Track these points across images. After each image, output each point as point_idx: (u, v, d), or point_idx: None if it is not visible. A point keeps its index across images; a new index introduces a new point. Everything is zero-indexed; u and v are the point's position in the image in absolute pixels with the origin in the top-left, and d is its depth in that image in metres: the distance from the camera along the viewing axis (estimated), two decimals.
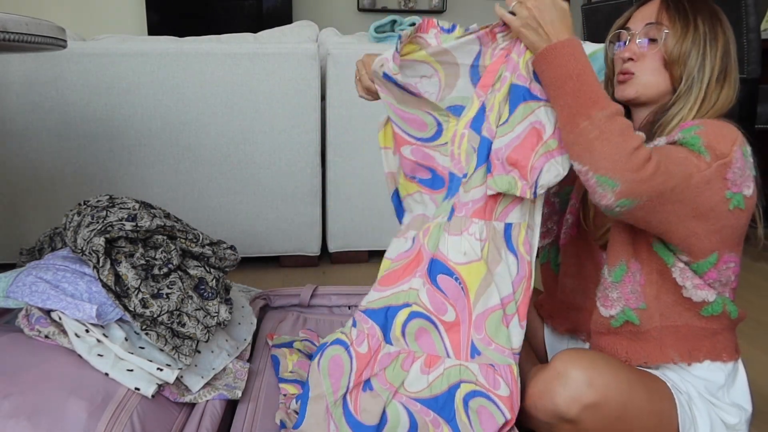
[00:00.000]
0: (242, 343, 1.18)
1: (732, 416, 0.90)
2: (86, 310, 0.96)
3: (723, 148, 0.82)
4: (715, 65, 0.90)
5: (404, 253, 1.01)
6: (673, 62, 0.91)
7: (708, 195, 0.82)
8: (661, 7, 0.94)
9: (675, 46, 0.91)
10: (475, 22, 1.11)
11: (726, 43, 0.91)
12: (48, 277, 1.01)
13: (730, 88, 0.92)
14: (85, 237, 1.01)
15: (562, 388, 0.83)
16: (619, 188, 0.78)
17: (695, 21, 0.91)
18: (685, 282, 0.88)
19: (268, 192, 1.97)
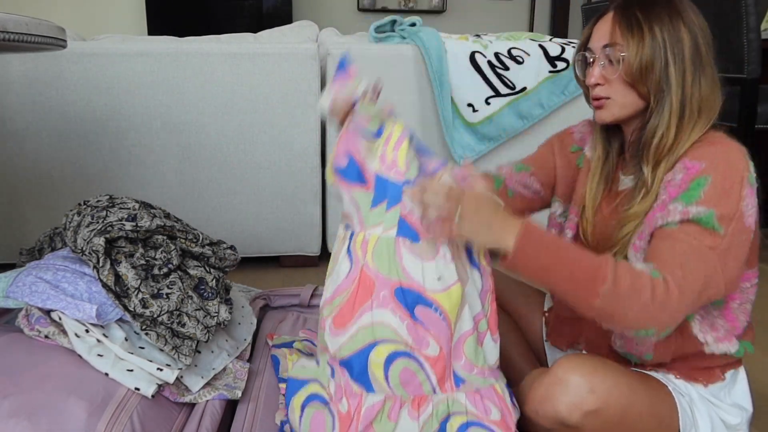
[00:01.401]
0: (242, 343, 1.18)
1: (733, 416, 0.90)
2: (86, 310, 0.96)
3: (731, 208, 0.80)
4: (685, 68, 0.86)
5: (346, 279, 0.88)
6: (636, 81, 0.87)
7: (735, 253, 0.81)
8: (614, 22, 0.89)
9: (633, 65, 0.86)
10: (475, 22, 1.10)
11: (693, 39, 0.86)
12: (48, 277, 1.01)
13: (708, 80, 0.87)
14: (85, 237, 1.01)
15: (564, 395, 0.82)
16: (655, 330, 0.79)
17: (651, 30, 0.86)
18: (707, 336, 0.87)
19: (268, 192, 1.97)
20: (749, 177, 0.82)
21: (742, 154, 0.84)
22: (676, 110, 0.86)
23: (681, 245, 0.81)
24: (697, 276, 0.79)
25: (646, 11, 0.87)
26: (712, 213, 0.80)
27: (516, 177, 1.13)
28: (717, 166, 0.82)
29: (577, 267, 0.81)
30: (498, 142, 2.01)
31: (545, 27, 4.86)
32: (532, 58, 1.96)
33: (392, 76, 1.93)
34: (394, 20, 2.05)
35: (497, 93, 1.95)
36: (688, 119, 0.86)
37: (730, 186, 0.81)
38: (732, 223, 0.80)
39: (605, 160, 1.00)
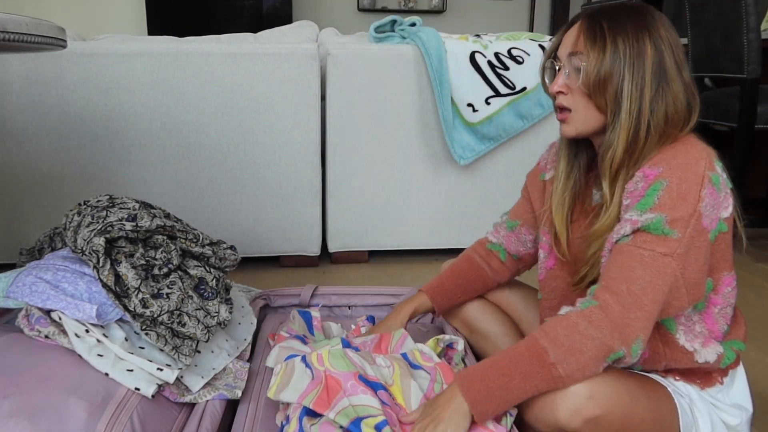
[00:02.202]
0: (242, 343, 1.18)
1: (733, 417, 0.90)
2: (86, 310, 0.96)
3: (686, 209, 0.78)
4: (645, 85, 0.83)
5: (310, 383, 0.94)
6: (594, 93, 0.85)
7: (694, 259, 0.80)
8: (579, 31, 0.88)
9: (592, 74, 0.84)
10: (475, 22, 1.11)
11: (658, 56, 0.84)
12: (48, 277, 1.01)
13: (675, 96, 0.84)
14: (85, 237, 1.01)
15: (563, 401, 0.82)
16: (623, 352, 0.79)
17: (614, 42, 0.84)
18: (694, 344, 0.87)
19: (268, 192, 1.97)
20: (713, 177, 0.80)
21: (705, 155, 0.82)
22: (626, 126, 0.84)
23: (630, 259, 0.80)
24: (645, 287, 0.78)
25: (612, 23, 0.85)
26: (662, 218, 0.79)
27: (511, 239, 1.16)
28: (674, 169, 0.80)
29: (520, 366, 0.81)
30: (498, 142, 2.01)
31: (545, 27, 4.86)
32: (532, 58, 1.96)
33: (392, 76, 1.93)
34: (394, 20, 2.05)
35: (497, 93, 1.95)
36: (643, 135, 0.84)
37: (687, 188, 0.79)
38: (689, 225, 0.78)
39: (569, 176, 0.99)
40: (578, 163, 0.99)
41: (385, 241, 2.09)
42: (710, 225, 0.80)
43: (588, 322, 0.79)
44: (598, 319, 0.79)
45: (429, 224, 2.09)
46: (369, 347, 1.09)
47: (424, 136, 2.00)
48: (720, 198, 0.81)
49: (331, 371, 0.94)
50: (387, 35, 2.02)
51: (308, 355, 0.98)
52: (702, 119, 2.85)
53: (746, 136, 2.29)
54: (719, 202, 0.81)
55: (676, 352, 0.88)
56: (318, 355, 0.98)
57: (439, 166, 2.04)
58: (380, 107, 1.96)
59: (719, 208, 0.81)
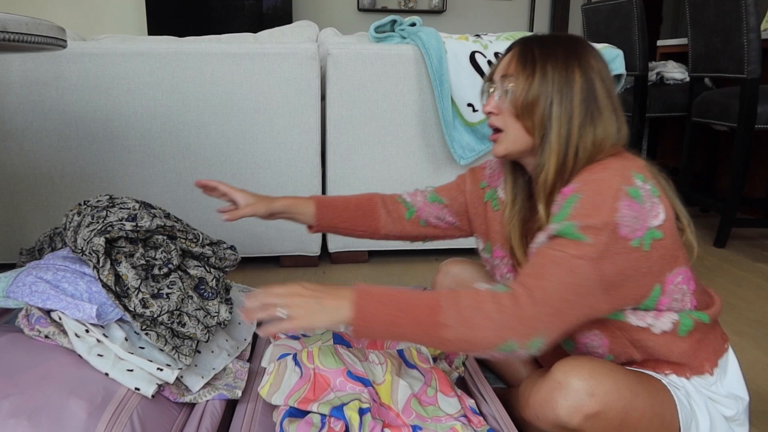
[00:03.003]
0: (242, 343, 1.18)
1: (729, 408, 0.90)
2: (86, 310, 0.96)
3: (601, 219, 0.79)
4: (573, 110, 0.87)
5: (299, 381, 0.95)
6: (521, 114, 0.89)
7: (611, 264, 0.80)
8: (512, 55, 0.92)
9: (520, 97, 0.89)
10: (475, 22, 1.13)
11: (587, 84, 0.87)
12: (48, 277, 1.01)
13: (604, 124, 0.88)
14: (85, 237, 1.01)
15: (563, 399, 0.82)
16: (517, 342, 0.79)
17: (543, 68, 0.88)
18: (647, 320, 0.88)
19: (268, 192, 1.96)
20: (630, 190, 0.81)
21: (621, 170, 0.83)
22: (556, 150, 0.87)
23: (543, 258, 0.82)
24: (555, 284, 0.79)
25: (543, 49, 0.90)
26: (573, 224, 0.80)
27: (429, 208, 1.17)
28: (588, 184, 0.83)
29: (415, 309, 0.82)
30: None
31: (545, 27, 4.86)
32: None
33: (392, 76, 1.94)
34: (394, 20, 2.05)
35: None
36: (572, 157, 0.87)
37: (602, 199, 0.81)
38: (602, 233, 0.79)
39: (513, 201, 1.02)
40: (520, 188, 1.02)
41: (385, 240, 2.09)
42: (633, 234, 0.81)
43: (496, 305, 0.79)
44: (506, 306, 0.79)
45: None
46: (363, 343, 1.09)
47: (424, 136, 2.00)
48: (644, 209, 0.82)
49: (320, 368, 0.95)
50: (387, 35, 2.02)
51: (299, 353, 0.99)
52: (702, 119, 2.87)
53: (746, 136, 2.29)
54: (644, 212, 0.82)
55: (632, 332, 0.89)
56: (309, 352, 0.98)
57: (439, 166, 2.04)
58: (380, 107, 1.96)
59: (645, 218, 0.82)
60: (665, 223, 0.83)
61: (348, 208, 1.17)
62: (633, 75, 2.83)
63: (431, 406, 0.96)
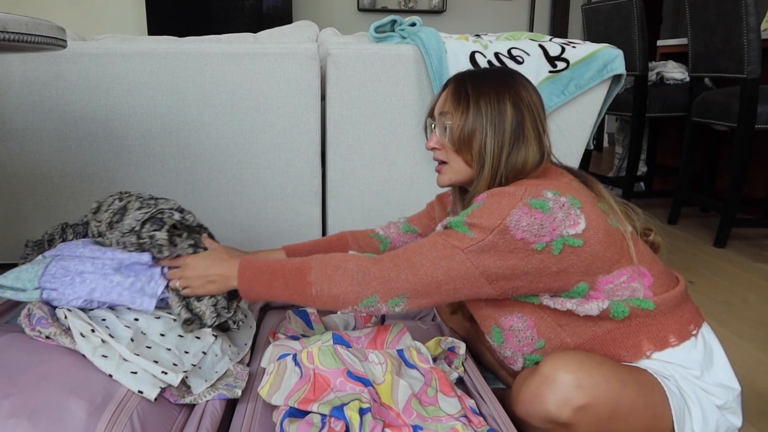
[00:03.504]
0: (243, 348, 1.18)
1: (718, 398, 0.90)
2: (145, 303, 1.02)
3: (489, 222, 0.87)
4: (505, 139, 0.94)
5: (299, 381, 0.96)
6: (460, 149, 0.96)
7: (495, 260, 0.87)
8: (448, 92, 0.99)
9: (456, 132, 0.96)
10: (475, 22, 1.16)
11: (517, 115, 0.94)
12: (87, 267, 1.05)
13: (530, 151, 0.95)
14: (137, 218, 1.06)
15: (552, 393, 0.83)
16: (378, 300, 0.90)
17: (477, 103, 0.94)
18: (566, 304, 0.92)
19: (268, 192, 1.97)
20: (532, 202, 0.88)
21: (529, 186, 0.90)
22: (487, 178, 0.95)
23: (426, 241, 0.92)
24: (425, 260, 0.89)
25: (475, 85, 0.97)
26: (461, 219, 0.89)
27: (402, 238, 1.25)
28: (494, 195, 0.90)
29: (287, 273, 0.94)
30: None
31: (545, 27, 4.86)
32: (532, 58, 1.96)
33: (392, 76, 1.94)
34: (394, 20, 2.05)
35: None
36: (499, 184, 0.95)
37: (498, 206, 0.88)
38: (489, 233, 0.87)
39: None
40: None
41: None
42: (535, 239, 0.87)
43: (356, 264, 0.91)
44: (367, 266, 0.91)
45: None
46: (363, 343, 1.09)
47: (424, 136, 2.00)
48: (551, 218, 0.87)
49: (320, 369, 0.96)
50: (387, 35, 2.02)
51: (299, 353, 0.99)
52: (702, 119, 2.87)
53: (746, 136, 2.29)
54: (551, 221, 0.87)
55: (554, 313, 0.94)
56: (308, 352, 0.99)
57: None
58: (380, 107, 1.96)
59: (554, 226, 0.87)
60: (585, 232, 0.88)
61: (317, 250, 1.23)
62: (633, 75, 2.83)
63: (431, 406, 0.96)
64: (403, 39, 2.00)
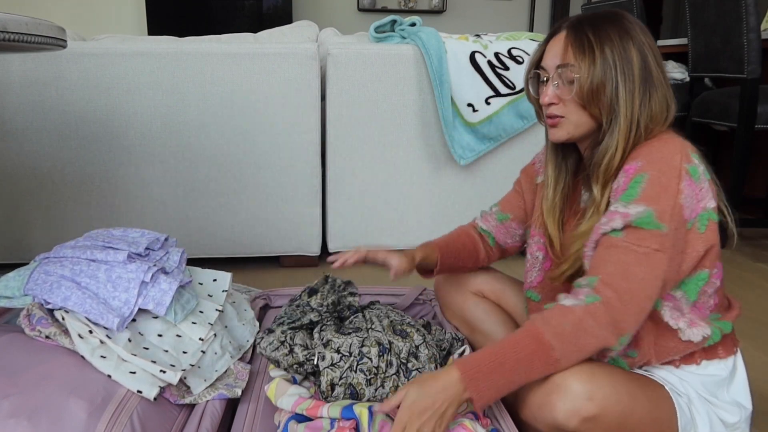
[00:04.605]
0: (245, 345, 1.18)
1: (732, 415, 0.90)
2: (109, 320, 0.98)
3: (668, 202, 0.81)
4: (635, 87, 0.86)
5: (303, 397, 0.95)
6: (588, 103, 0.88)
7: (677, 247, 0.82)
8: (566, 42, 0.89)
9: (584, 86, 0.87)
10: (475, 22, 1.13)
11: (642, 59, 0.87)
12: (66, 273, 1.03)
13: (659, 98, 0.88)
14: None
15: (561, 402, 0.82)
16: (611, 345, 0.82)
17: (602, 52, 0.86)
18: (679, 323, 0.88)
19: (268, 192, 1.97)
20: (690, 169, 0.82)
21: (680, 147, 0.84)
22: (624, 131, 0.87)
23: (626, 255, 0.82)
24: (643, 284, 0.81)
25: (596, 32, 0.88)
26: (651, 212, 0.81)
27: (501, 230, 1.20)
28: (653, 163, 0.83)
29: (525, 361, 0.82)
30: (498, 141, 2.01)
31: (545, 27, 4.86)
32: None
33: (392, 76, 1.94)
34: (394, 20, 2.05)
35: (497, 93, 1.95)
36: (634, 138, 0.87)
37: (668, 181, 0.81)
38: (674, 218, 0.81)
39: (557, 180, 1.01)
40: (566, 167, 1.01)
41: (385, 241, 2.09)
42: (690, 215, 0.82)
43: (594, 319, 0.81)
44: (602, 316, 0.81)
45: (429, 224, 2.09)
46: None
47: (424, 136, 2.00)
48: (701, 189, 0.83)
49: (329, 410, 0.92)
50: (387, 35, 2.02)
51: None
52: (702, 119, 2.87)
53: (746, 136, 2.29)
54: (700, 192, 0.83)
55: (663, 328, 0.89)
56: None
57: (439, 166, 2.04)
58: (380, 107, 1.96)
59: (700, 198, 0.83)
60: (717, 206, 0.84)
61: (459, 249, 1.21)
62: None
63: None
64: (403, 39, 2.00)
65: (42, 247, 1.89)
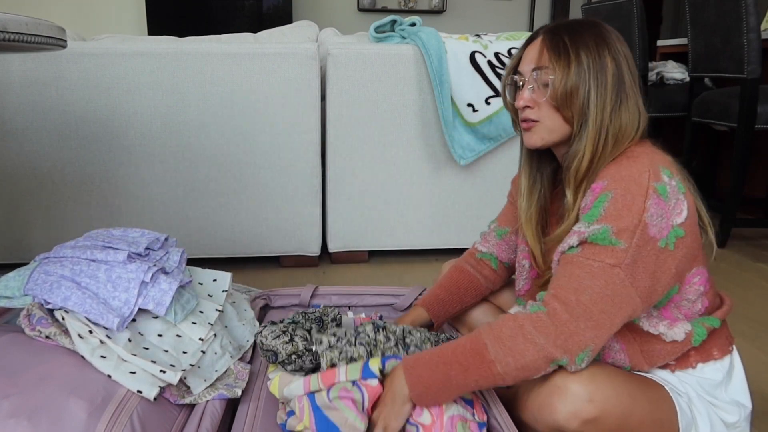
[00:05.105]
0: (245, 345, 1.18)
1: (731, 415, 0.90)
2: (109, 320, 0.97)
3: (631, 220, 0.80)
4: (607, 96, 0.87)
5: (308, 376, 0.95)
6: (561, 105, 0.88)
7: (643, 268, 0.81)
8: (542, 46, 0.91)
9: (558, 88, 0.87)
10: (475, 22, 1.13)
11: (617, 68, 0.88)
12: (66, 273, 1.03)
13: (629, 109, 0.88)
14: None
15: (562, 404, 0.82)
16: (567, 360, 0.81)
17: (578, 56, 0.87)
18: (659, 327, 0.88)
19: (268, 192, 1.97)
20: (659, 188, 0.81)
21: (649, 165, 0.83)
22: (592, 136, 0.87)
23: (579, 269, 0.82)
24: (594, 297, 0.79)
25: (573, 37, 0.88)
26: (607, 229, 0.80)
27: (503, 246, 1.18)
28: (618, 182, 0.82)
29: (462, 357, 0.84)
30: (498, 141, 2.01)
31: None
32: None
33: (392, 76, 1.94)
34: (394, 20, 2.05)
35: (497, 93, 1.95)
36: (602, 146, 0.87)
37: (632, 199, 0.81)
38: (635, 235, 0.80)
39: (531, 190, 1.02)
40: (541, 176, 1.02)
41: (385, 241, 2.09)
42: (659, 234, 0.81)
43: (534, 326, 0.81)
44: (544, 326, 0.80)
45: (429, 224, 2.09)
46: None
47: (424, 136, 2.00)
48: (669, 206, 0.82)
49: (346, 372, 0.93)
50: (387, 35, 2.02)
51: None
52: (702, 119, 2.86)
53: (746, 136, 2.29)
54: (669, 210, 0.82)
55: (646, 336, 0.89)
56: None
57: (439, 166, 2.04)
58: (380, 107, 1.96)
59: (670, 215, 0.82)
60: (687, 220, 0.83)
61: (452, 295, 1.19)
62: None
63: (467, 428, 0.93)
64: (403, 39, 2.00)
65: (42, 247, 1.89)
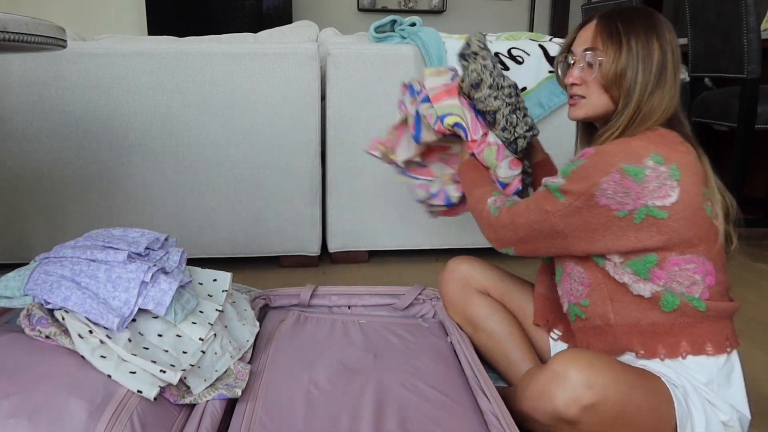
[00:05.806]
0: (245, 344, 1.18)
1: (723, 413, 0.90)
2: (109, 320, 0.97)
3: (580, 187, 0.92)
4: (650, 79, 0.95)
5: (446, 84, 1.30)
6: (610, 86, 0.97)
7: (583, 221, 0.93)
8: (596, 30, 0.99)
9: (609, 70, 0.96)
10: (475, 22, 1.18)
11: (662, 55, 0.96)
12: (65, 273, 1.03)
13: (665, 94, 0.96)
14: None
15: (561, 390, 0.83)
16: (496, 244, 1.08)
17: (628, 42, 0.95)
18: (624, 277, 0.94)
19: (268, 192, 1.97)
20: (625, 168, 0.89)
21: (636, 150, 0.90)
22: (630, 114, 0.96)
23: (531, 201, 1.01)
24: (524, 220, 1.01)
25: (625, 24, 0.97)
26: (558, 184, 0.95)
27: None
28: (598, 155, 0.92)
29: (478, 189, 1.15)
30: None
31: (545, 27, 4.86)
32: (532, 58, 1.96)
33: (392, 76, 1.94)
34: (394, 20, 2.05)
35: None
36: (635, 125, 0.96)
37: (593, 172, 0.91)
38: (579, 199, 0.92)
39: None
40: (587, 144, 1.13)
41: (385, 241, 2.09)
42: (618, 206, 0.89)
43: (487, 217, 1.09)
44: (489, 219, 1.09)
45: (429, 224, 2.09)
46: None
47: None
48: (641, 186, 0.88)
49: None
50: (387, 35, 2.02)
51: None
52: (702, 119, 2.86)
53: (746, 136, 2.29)
54: (639, 190, 0.88)
55: (612, 282, 0.96)
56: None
57: None
58: (380, 107, 1.96)
59: (640, 195, 0.88)
60: (674, 206, 0.89)
61: None
62: None
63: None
64: (403, 39, 2.00)
65: (42, 247, 1.89)
